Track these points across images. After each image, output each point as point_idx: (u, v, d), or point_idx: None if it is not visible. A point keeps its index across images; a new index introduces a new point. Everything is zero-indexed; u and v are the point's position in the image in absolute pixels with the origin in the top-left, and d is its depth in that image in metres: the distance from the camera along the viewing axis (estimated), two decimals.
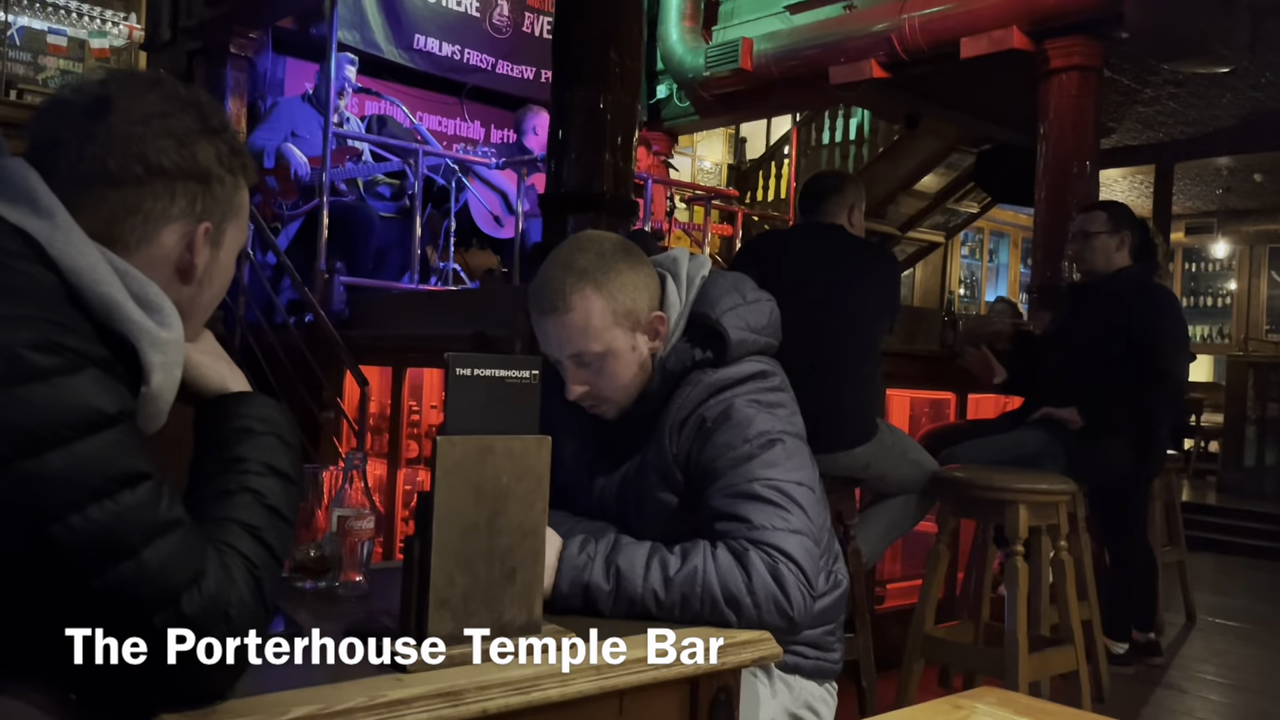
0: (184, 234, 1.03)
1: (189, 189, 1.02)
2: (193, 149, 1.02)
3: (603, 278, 1.45)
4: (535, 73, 7.32)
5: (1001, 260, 12.49)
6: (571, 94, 3.55)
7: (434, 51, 6.86)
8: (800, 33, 6.59)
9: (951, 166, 8.34)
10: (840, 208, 3.01)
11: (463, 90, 7.20)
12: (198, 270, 1.05)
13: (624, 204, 3.60)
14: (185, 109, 1.02)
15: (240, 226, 1.09)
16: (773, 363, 1.56)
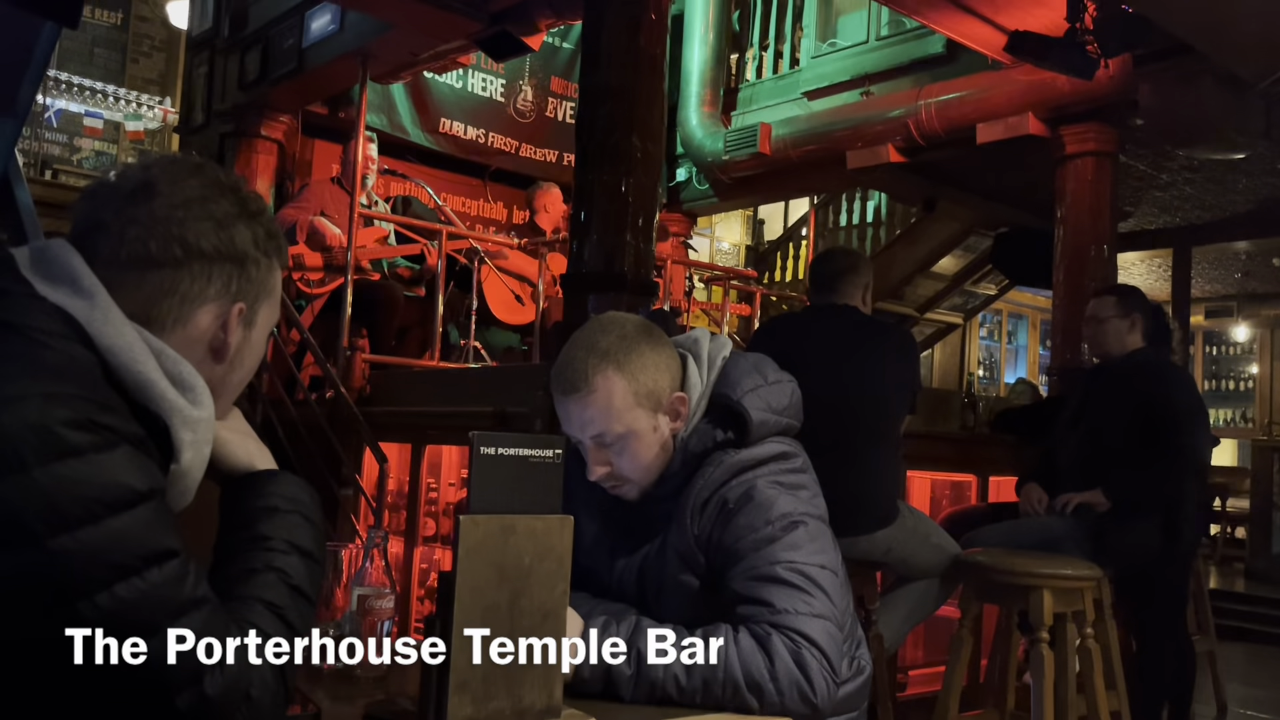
0: (219, 314, 1.05)
1: (225, 271, 1.04)
2: (231, 232, 1.04)
3: (625, 359, 1.46)
4: (558, 156, 7.46)
5: (1020, 342, 12.47)
6: (594, 177, 3.62)
7: (459, 135, 7.02)
8: (818, 118, 6.70)
9: (969, 249, 8.38)
10: (855, 288, 3.04)
11: (486, 172, 7.34)
12: (230, 350, 1.06)
13: (644, 284, 3.64)
14: (224, 194, 1.05)
15: (273, 307, 1.12)
16: (794, 444, 1.56)
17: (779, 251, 9.98)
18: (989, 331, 12.10)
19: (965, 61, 5.90)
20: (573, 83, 7.42)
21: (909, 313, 8.83)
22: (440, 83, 6.91)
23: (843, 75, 6.71)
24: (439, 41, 5.31)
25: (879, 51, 6.53)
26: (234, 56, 6.36)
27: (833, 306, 3.00)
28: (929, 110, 5.94)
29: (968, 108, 5.76)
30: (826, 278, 3.05)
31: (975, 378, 10.84)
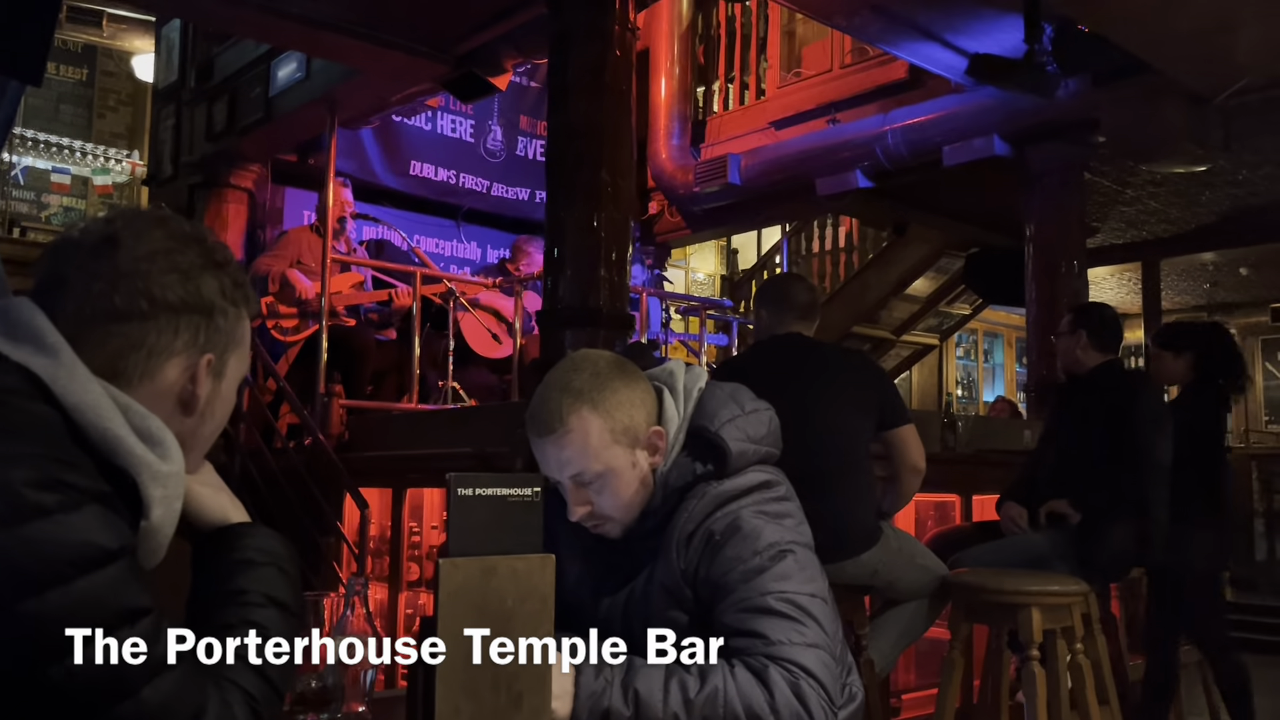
0: (187, 366, 1.04)
1: (192, 322, 1.03)
2: (197, 283, 1.03)
3: (599, 396, 1.45)
4: (530, 194, 7.49)
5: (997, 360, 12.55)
6: (566, 213, 3.63)
7: (430, 177, 7.04)
8: (786, 147, 6.76)
9: (941, 270, 8.46)
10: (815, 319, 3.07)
11: (459, 213, 7.35)
12: (200, 402, 1.05)
13: (620, 318, 3.64)
14: (189, 245, 1.04)
15: (242, 357, 1.10)
16: (776, 472, 1.55)
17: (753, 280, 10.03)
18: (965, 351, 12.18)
19: (929, 86, 5.97)
20: (541, 120, 7.47)
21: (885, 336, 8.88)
22: (409, 126, 6.93)
23: (809, 104, 6.78)
24: (406, 85, 5.34)
25: (843, 79, 6.61)
26: (201, 107, 6.37)
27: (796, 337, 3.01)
28: (895, 135, 6.00)
29: (933, 132, 5.83)
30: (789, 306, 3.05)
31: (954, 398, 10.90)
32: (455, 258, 7.38)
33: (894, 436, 2.94)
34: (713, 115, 7.71)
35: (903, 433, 2.93)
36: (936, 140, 5.81)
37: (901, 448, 2.93)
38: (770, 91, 7.21)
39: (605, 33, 3.73)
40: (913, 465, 2.94)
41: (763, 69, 7.39)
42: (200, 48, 6.44)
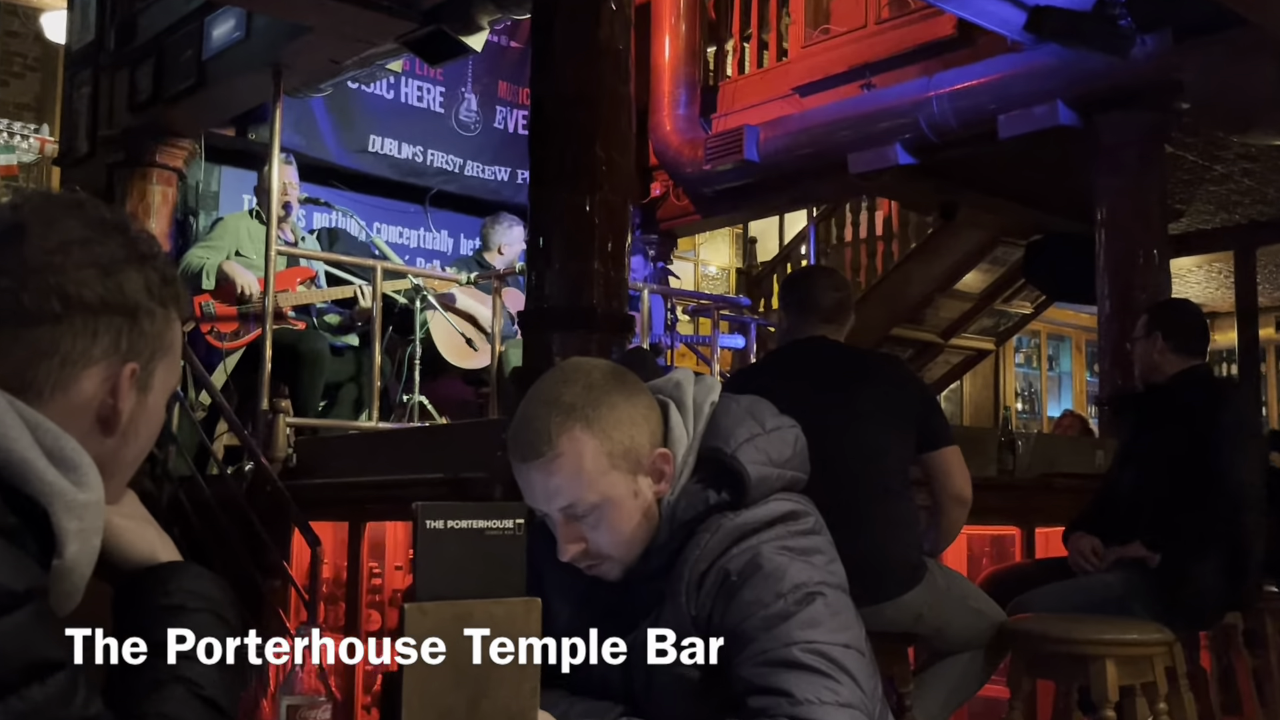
0: (107, 377, 1.04)
1: (113, 325, 1.03)
2: (119, 279, 1.03)
3: (594, 413, 1.46)
4: (510, 173, 7.51)
5: (1063, 368, 12.56)
6: (552, 196, 3.64)
7: (391, 154, 7.05)
8: (812, 117, 6.78)
9: (997, 262, 8.46)
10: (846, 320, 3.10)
11: (426, 196, 7.37)
12: (122, 419, 1.05)
13: (617, 319, 3.65)
14: (110, 234, 1.05)
15: (172, 366, 1.11)
16: (803, 500, 1.55)
17: (775, 274, 10.04)
18: (1026, 357, 12.18)
19: (981, 44, 5.99)
20: (523, 87, 7.48)
21: (931, 339, 8.89)
22: (367, 94, 6.95)
23: (839, 66, 6.80)
24: (364, 45, 5.35)
25: (880, 37, 6.63)
26: (122, 73, 6.38)
27: (821, 341, 3.03)
28: (941, 102, 6.02)
29: (986, 98, 5.85)
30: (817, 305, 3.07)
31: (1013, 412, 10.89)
32: (422, 249, 7.39)
33: (934, 460, 2.94)
34: (726, 80, 7.73)
35: (944, 456, 2.93)
36: (990, 108, 5.83)
37: (943, 474, 2.93)
38: (794, 52, 7.23)
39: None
40: (956, 494, 2.94)
41: (785, 25, 7.41)
42: (121, 3, 6.45)
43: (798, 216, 9.98)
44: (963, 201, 7.56)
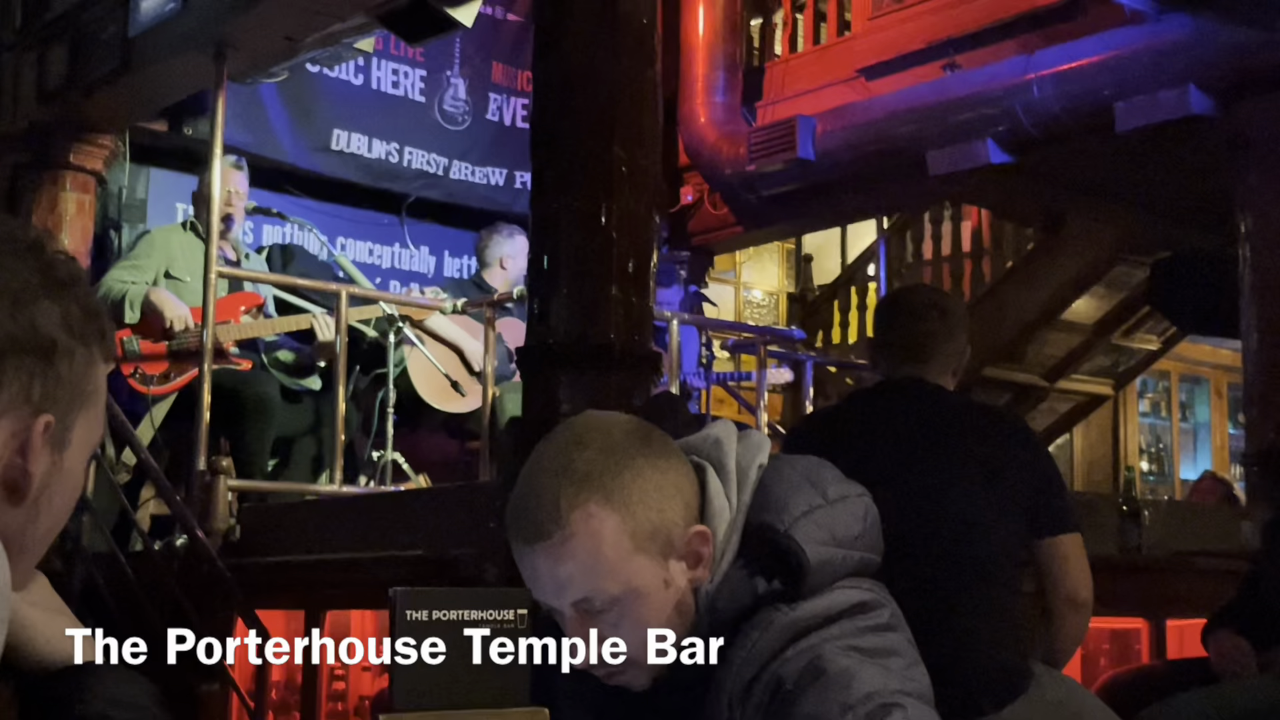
0: (15, 432, 1.04)
1: (23, 368, 1.04)
2: (30, 312, 1.04)
3: (614, 483, 1.46)
4: (506, 176, 7.56)
5: (1199, 418, 12.47)
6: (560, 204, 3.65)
7: (360, 152, 7.11)
8: (881, 105, 6.81)
9: (1115, 285, 8.44)
10: (948, 356, 3.03)
11: (403, 205, 7.42)
12: (33, 483, 1.06)
13: (640, 357, 3.65)
14: (20, 257, 1.06)
15: (94, 418, 1.11)
16: (876, 587, 1.55)
17: (835, 300, 10.04)
18: (1153, 404, 12.10)
19: (1092, 15, 6.01)
20: (523, 70, 7.54)
21: (1033, 381, 8.86)
22: (331, 80, 7.02)
23: (915, 42, 6.83)
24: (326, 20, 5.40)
25: (965, 6, 6.66)
26: (29, 56, 6.47)
27: (907, 383, 3.00)
28: (1043, 86, 6.03)
29: (1099, 81, 5.85)
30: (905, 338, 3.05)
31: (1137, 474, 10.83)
32: (397, 269, 7.44)
33: (1046, 550, 2.89)
34: (774, 60, 7.78)
35: (1062, 545, 2.87)
36: (1105, 94, 5.83)
37: (1056, 568, 2.88)
38: (858, 24, 7.27)
39: None
40: (1068, 595, 2.90)
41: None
42: None
43: (864, 229, 9.98)
44: (1071, 210, 7.56)
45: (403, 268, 7.47)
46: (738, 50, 7.66)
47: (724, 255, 9.34)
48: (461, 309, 5.74)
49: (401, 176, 7.30)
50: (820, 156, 6.92)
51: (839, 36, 7.47)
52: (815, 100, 7.24)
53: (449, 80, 7.47)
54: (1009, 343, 8.45)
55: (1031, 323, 8.44)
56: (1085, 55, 5.93)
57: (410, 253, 7.51)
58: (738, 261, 10.95)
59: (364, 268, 6.74)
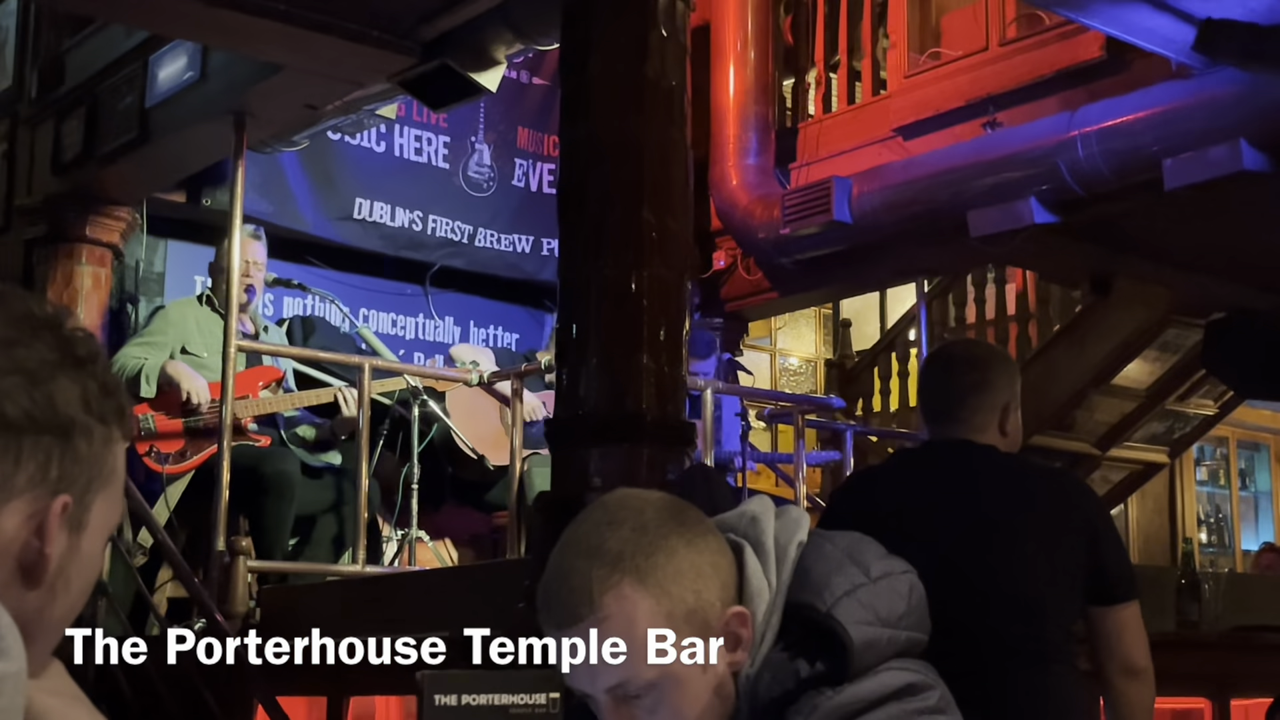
0: (32, 513, 1.05)
1: (41, 447, 1.05)
2: (48, 390, 1.05)
3: (647, 564, 1.46)
4: (533, 243, 7.60)
5: (1260, 486, 12.36)
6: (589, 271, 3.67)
7: (383, 221, 7.17)
8: (920, 165, 6.82)
9: (1167, 348, 8.39)
10: (989, 411, 2.94)
11: (427, 274, 7.46)
12: (50, 566, 1.06)
13: (674, 428, 3.65)
14: (37, 332, 1.07)
15: (112, 498, 1.12)
16: (924, 668, 1.54)
17: (875, 367, 10.01)
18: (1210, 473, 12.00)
19: (1137, 69, 6.02)
20: (549, 135, 7.61)
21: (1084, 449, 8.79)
22: (352, 148, 7.09)
23: (954, 100, 6.85)
24: (348, 87, 5.47)
25: (1005, 62, 6.68)
26: (45, 126, 6.56)
27: (949, 445, 2.96)
28: (1088, 144, 6.03)
29: (1147, 137, 5.85)
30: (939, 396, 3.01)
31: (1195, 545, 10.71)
32: (422, 341, 7.47)
33: (1103, 619, 2.85)
34: (808, 120, 7.80)
35: (1119, 616, 2.83)
36: (1152, 150, 5.83)
37: (1113, 637, 2.84)
38: (894, 83, 7.30)
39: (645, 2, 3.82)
40: (1124, 663, 2.84)
41: (882, 50, 7.50)
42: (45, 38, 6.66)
43: (904, 292, 9.97)
44: (1120, 271, 7.53)
45: (427, 339, 7.50)
46: (770, 111, 7.69)
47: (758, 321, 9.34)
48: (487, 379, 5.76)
49: (425, 245, 7.35)
50: (857, 219, 6.92)
51: (874, 96, 7.50)
52: (851, 161, 7.26)
53: (473, 146, 7.53)
54: (1058, 410, 8.39)
55: (1081, 388, 8.38)
56: (1130, 111, 5.93)
57: (435, 323, 7.55)
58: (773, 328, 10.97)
59: (387, 339, 6.77)
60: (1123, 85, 6.08)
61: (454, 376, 5.89)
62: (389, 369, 5.68)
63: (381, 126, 6.92)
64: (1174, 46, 5.21)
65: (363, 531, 5.14)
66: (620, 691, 1.47)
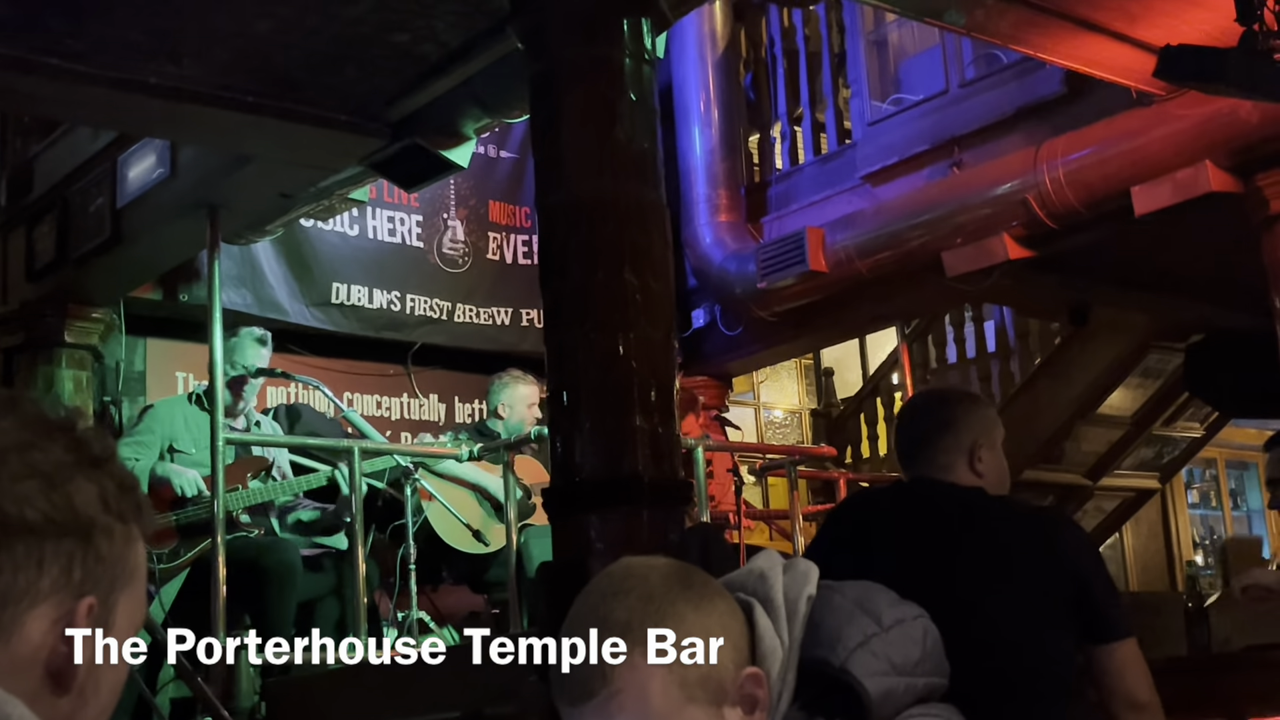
0: (58, 618, 1.04)
1: (63, 550, 1.04)
2: (67, 492, 1.05)
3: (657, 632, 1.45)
4: (512, 315, 7.61)
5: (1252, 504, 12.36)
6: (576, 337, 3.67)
7: (361, 303, 7.18)
8: (890, 210, 6.86)
9: (1150, 374, 8.42)
10: (955, 452, 2.93)
11: (408, 353, 7.46)
12: (79, 671, 1.05)
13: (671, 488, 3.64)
14: (53, 435, 1.06)
15: (136, 597, 1.11)
16: (949, 712, 1.53)
17: (861, 414, 10.03)
18: (1201, 494, 12.00)
19: (1097, 99, 6.08)
20: (521, 206, 7.65)
21: (1075, 481, 8.79)
22: (326, 233, 7.11)
23: (919, 144, 6.91)
24: (320, 173, 5.49)
25: (967, 103, 6.75)
26: (17, 234, 6.56)
27: (917, 484, 2.94)
28: (1055, 178, 6.08)
29: (1113, 165, 5.91)
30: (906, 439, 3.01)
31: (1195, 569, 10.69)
32: (408, 419, 7.45)
33: (1101, 657, 2.82)
34: (776, 174, 7.86)
35: (1117, 654, 2.80)
36: (1120, 177, 5.88)
37: (1113, 675, 2.82)
38: (859, 131, 7.36)
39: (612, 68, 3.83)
40: (1128, 700, 2.81)
41: (844, 98, 7.57)
42: (13, 144, 6.67)
43: (883, 338, 10.01)
44: (1096, 301, 7.57)
45: (412, 417, 7.49)
46: (738, 168, 7.75)
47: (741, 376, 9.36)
48: (478, 454, 5.74)
49: (405, 324, 7.35)
50: (832, 268, 6.96)
51: (840, 145, 7.55)
52: (822, 211, 7.31)
53: (446, 223, 7.56)
54: (1046, 443, 8.40)
55: (1067, 420, 8.40)
56: (1095, 141, 5.99)
57: (419, 402, 7.54)
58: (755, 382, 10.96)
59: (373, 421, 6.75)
60: (1085, 116, 6.14)
61: (444, 453, 5.88)
62: (379, 450, 5.66)
63: (354, 210, 6.93)
64: (1133, 75, 5.27)
65: (364, 616, 5.11)
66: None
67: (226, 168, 5.45)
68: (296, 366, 6.61)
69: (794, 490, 6.57)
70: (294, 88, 4.96)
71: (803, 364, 11.25)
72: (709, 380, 8.07)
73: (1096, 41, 5.03)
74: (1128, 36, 4.98)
